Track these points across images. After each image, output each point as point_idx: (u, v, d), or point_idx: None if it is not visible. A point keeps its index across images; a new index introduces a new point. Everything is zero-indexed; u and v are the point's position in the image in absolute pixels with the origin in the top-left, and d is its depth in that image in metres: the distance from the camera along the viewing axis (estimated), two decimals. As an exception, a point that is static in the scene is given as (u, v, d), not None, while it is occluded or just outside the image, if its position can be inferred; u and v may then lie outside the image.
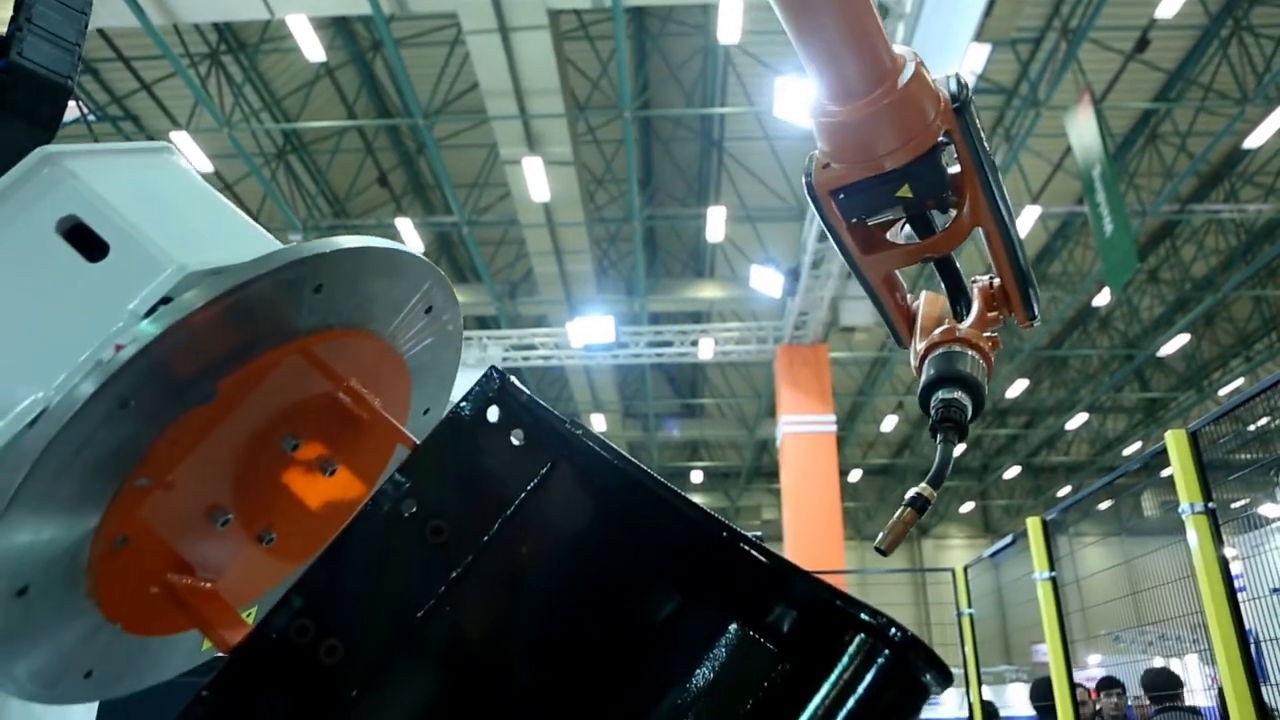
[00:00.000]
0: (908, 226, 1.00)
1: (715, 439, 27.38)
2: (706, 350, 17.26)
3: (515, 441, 0.80)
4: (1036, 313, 1.00)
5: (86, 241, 0.83)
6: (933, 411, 0.92)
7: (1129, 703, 6.28)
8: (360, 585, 0.77)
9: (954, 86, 0.90)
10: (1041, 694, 6.86)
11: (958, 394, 0.92)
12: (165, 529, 0.85)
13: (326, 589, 0.76)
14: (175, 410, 0.79)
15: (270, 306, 0.81)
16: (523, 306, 19.27)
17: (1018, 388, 21.95)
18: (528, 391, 0.82)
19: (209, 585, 0.90)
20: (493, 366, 0.82)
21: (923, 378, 0.95)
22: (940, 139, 0.90)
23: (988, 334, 0.98)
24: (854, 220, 0.97)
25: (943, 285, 1.05)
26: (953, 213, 0.95)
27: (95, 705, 3.28)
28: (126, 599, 0.85)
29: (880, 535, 0.85)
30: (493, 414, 0.80)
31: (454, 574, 0.77)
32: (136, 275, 0.80)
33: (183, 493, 0.84)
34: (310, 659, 0.74)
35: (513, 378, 0.82)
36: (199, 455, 0.83)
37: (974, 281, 1.03)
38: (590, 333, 16.34)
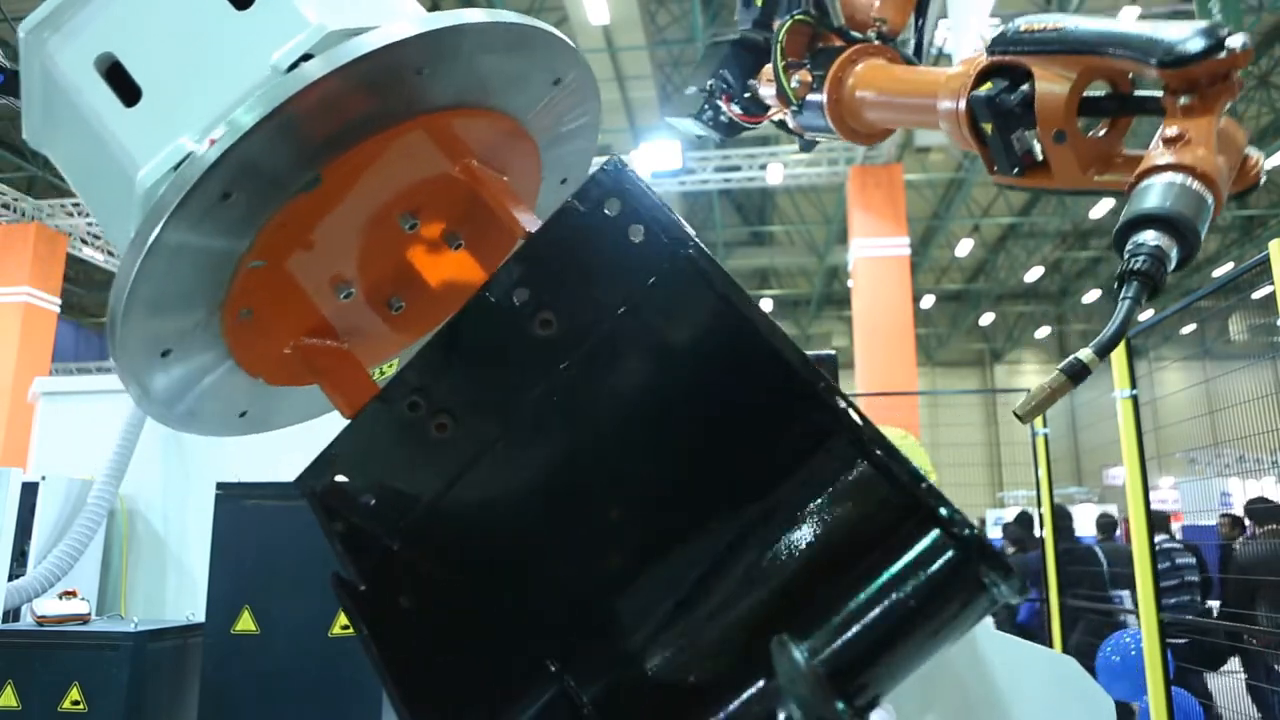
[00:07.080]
0: None
1: (785, 266, 27.07)
2: (775, 175, 16.75)
3: (634, 239, 0.77)
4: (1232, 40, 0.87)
5: None
6: (1124, 258, 0.79)
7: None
8: (468, 368, 0.79)
9: None
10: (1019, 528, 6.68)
11: (1156, 238, 0.78)
12: (291, 295, 0.89)
13: (437, 369, 0.78)
14: (304, 178, 0.80)
15: (394, 81, 0.79)
16: (586, 135, 18.84)
17: (1103, 208, 20.95)
18: (648, 186, 0.78)
19: (337, 347, 0.95)
20: (616, 157, 0.78)
21: (1123, 213, 0.83)
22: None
23: (1208, 135, 0.82)
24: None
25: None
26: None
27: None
28: (262, 359, 0.92)
29: (1022, 400, 0.79)
30: (613, 207, 0.77)
31: (562, 366, 0.77)
32: (280, 28, 0.80)
33: (309, 264, 0.87)
34: (422, 431, 0.78)
35: (634, 170, 0.78)
36: (327, 225, 0.85)
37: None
38: (656, 159, 15.95)
